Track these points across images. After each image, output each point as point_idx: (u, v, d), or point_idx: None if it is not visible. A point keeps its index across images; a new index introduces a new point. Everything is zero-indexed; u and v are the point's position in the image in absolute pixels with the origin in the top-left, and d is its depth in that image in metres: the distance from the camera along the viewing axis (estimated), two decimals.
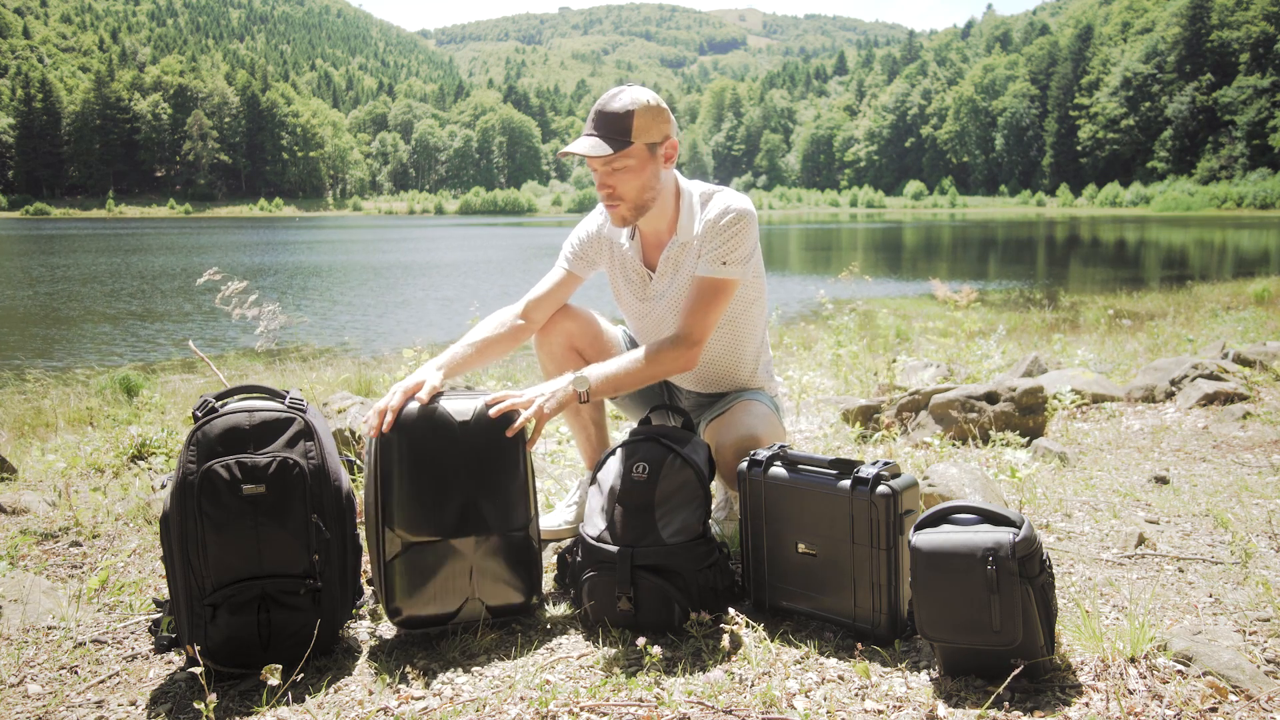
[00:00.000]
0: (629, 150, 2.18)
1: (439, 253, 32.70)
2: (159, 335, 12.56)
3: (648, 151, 2.22)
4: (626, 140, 2.17)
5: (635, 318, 2.51)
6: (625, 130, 2.17)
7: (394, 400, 2.02)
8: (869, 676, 1.78)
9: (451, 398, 2.06)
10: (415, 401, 2.03)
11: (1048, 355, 5.82)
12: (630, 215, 2.28)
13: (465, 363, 2.27)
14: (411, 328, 12.37)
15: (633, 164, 2.21)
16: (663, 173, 2.28)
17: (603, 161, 2.20)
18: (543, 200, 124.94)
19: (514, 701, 1.73)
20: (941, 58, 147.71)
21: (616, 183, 2.22)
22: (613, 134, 2.17)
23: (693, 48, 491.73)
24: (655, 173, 2.26)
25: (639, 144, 2.19)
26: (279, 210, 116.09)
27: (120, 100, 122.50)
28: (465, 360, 2.27)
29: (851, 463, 1.98)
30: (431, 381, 2.08)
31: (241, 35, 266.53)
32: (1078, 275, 20.61)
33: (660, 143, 2.23)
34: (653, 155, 2.23)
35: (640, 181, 2.23)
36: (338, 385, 5.79)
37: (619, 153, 2.17)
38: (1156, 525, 2.68)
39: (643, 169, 2.22)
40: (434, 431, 2.00)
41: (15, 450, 4.24)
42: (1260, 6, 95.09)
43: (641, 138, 2.19)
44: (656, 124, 2.21)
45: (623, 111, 2.17)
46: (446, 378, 2.19)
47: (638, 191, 2.24)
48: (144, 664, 2.00)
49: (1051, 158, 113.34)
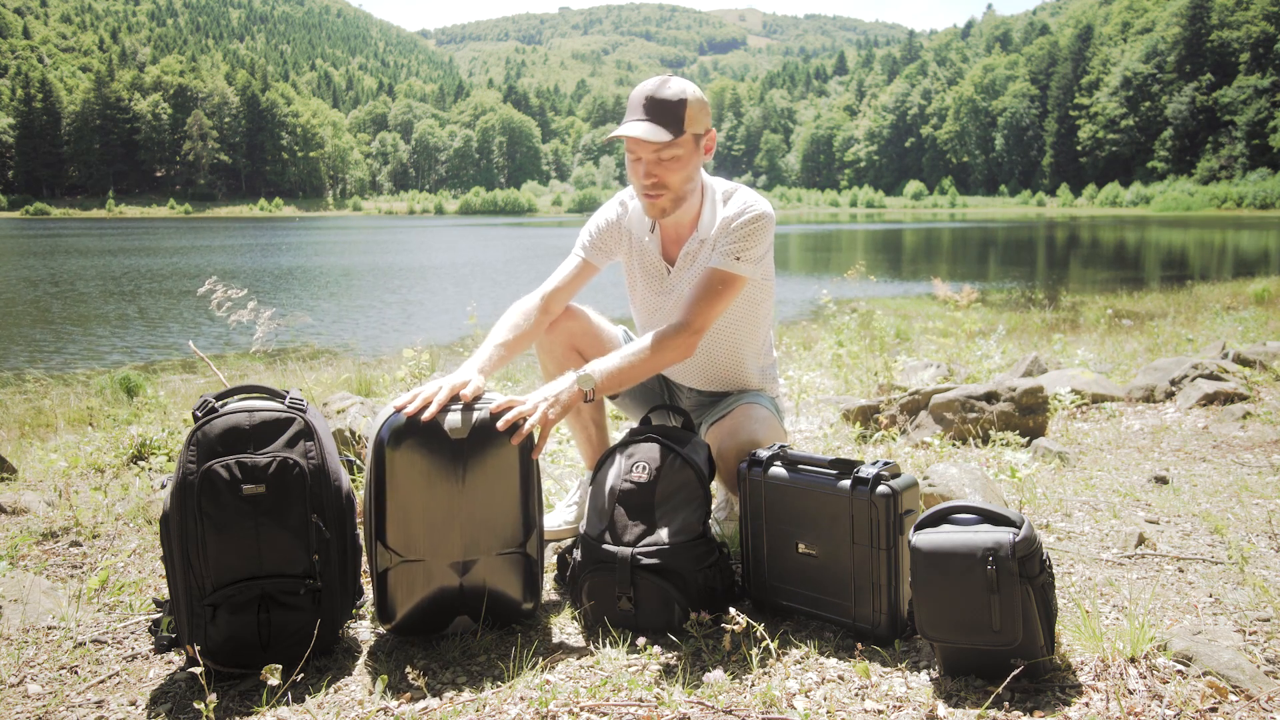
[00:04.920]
0: (681, 140, 2.17)
1: (439, 253, 32.70)
2: (159, 335, 12.56)
3: (694, 142, 2.21)
4: (680, 129, 2.15)
5: (647, 312, 2.50)
6: (679, 118, 2.15)
7: (441, 395, 1.95)
8: (869, 676, 1.78)
9: (450, 409, 1.97)
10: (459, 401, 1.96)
11: (1048, 355, 5.82)
12: (670, 207, 2.26)
13: (500, 363, 2.23)
14: (412, 328, 12.36)
15: (682, 153, 2.19)
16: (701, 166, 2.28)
17: (655, 148, 2.16)
18: (543, 200, 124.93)
19: (514, 701, 1.73)
20: (941, 58, 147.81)
21: (663, 172, 2.19)
22: (668, 121, 2.14)
23: (693, 48, 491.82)
24: (698, 165, 2.25)
25: (689, 134, 2.18)
26: (279, 210, 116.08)
27: (120, 100, 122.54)
28: (500, 360, 2.23)
29: (851, 463, 1.98)
30: (476, 383, 2.01)
31: (241, 35, 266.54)
32: (1078, 275, 20.61)
33: (704, 134, 2.23)
34: (698, 147, 2.23)
35: (686, 172, 2.22)
36: (338, 385, 5.78)
37: (675, 140, 2.15)
38: (1156, 525, 2.68)
39: (690, 159, 2.21)
40: (428, 446, 1.93)
41: (15, 450, 4.24)
42: (1260, 6, 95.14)
43: (692, 127, 2.17)
44: (702, 115, 2.20)
45: (676, 99, 2.15)
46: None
47: (682, 182, 2.23)
48: (144, 664, 2.00)
49: (1051, 158, 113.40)
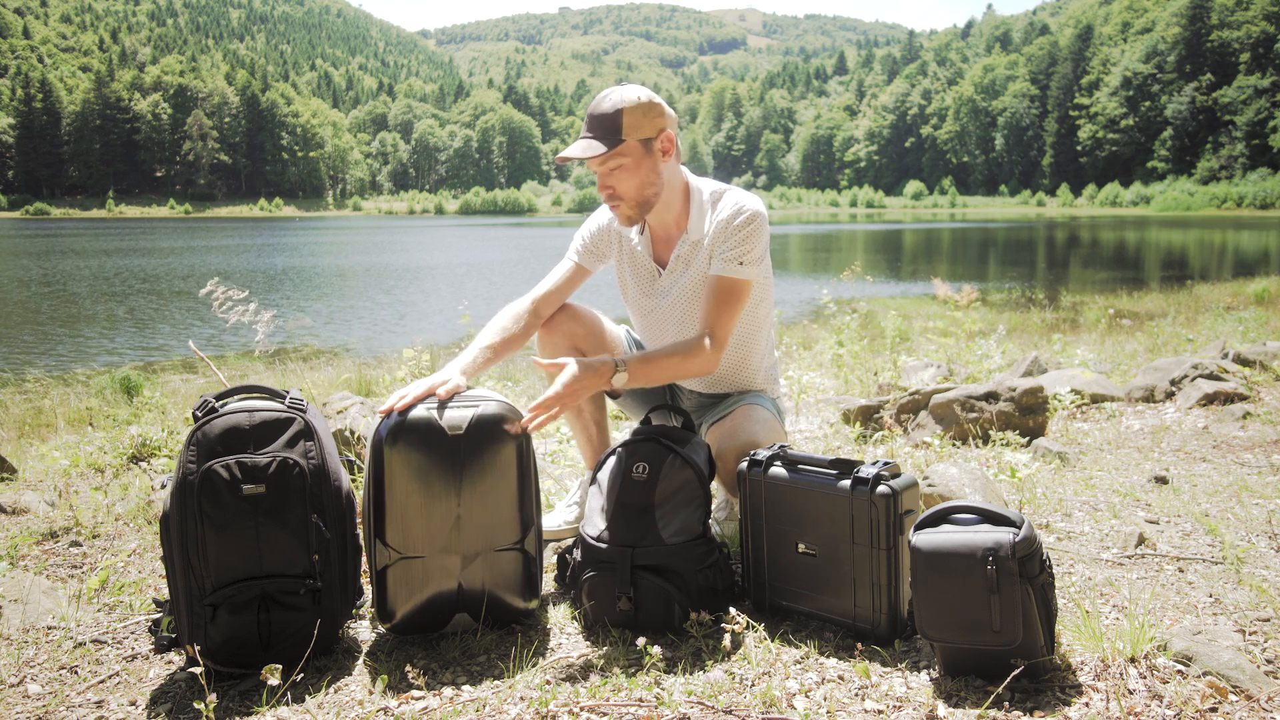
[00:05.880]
0: (622, 148, 2.19)
1: (439, 253, 32.69)
2: (159, 335, 12.56)
3: (642, 148, 2.22)
4: (618, 138, 2.18)
5: (641, 314, 2.52)
6: (616, 129, 2.18)
7: (417, 390, 1.99)
8: (869, 676, 1.78)
9: (449, 406, 1.99)
10: (434, 398, 1.98)
11: (1048, 355, 5.82)
12: (634, 213, 2.28)
13: (485, 364, 2.25)
14: (412, 328, 12.36)
15: (628, 161, 2.21)
16: (663, 167, 2.27)
17: (598, 161, 2.21)
18: (543, 200, 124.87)
19: (514, 701, 1.73)
20: (941, 58, 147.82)
21: (615, 182, 2.23)
22: (604, 134, 2.19)
23: (693, 48, 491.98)
24: (653, 168, 2.25)
25: (631, 140, 2.20)
26: (279, 210, 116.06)
27: (120, 100, 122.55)
28: (485, 362, 2.25)
29: (851, 463, 1.98)
30: (455, 381, 2.04)
31: (241, 35, 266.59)
32: (1078, 275, 20.60)
33: (654, 137, 2.23)
34: (648, 151, 2.23)
35: (638, 179, 2.23)
36: (338, 385, 5.78)
37: (612, 151, 2.18)
38: (1156, 525, 2.68)
39: (639, 166, 2.23)
40: (426, 444, 1.94)
41: (15, 450, 4.24)
42: (1260, 6, 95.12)
43: (633, 134, 2.19)
44: (648, 119, 2.21)
45: (612, 111, 2.18)
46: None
47: (637, 189, 2.24)
48: (144, 664, 2.00)
49: (1051, 158, 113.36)
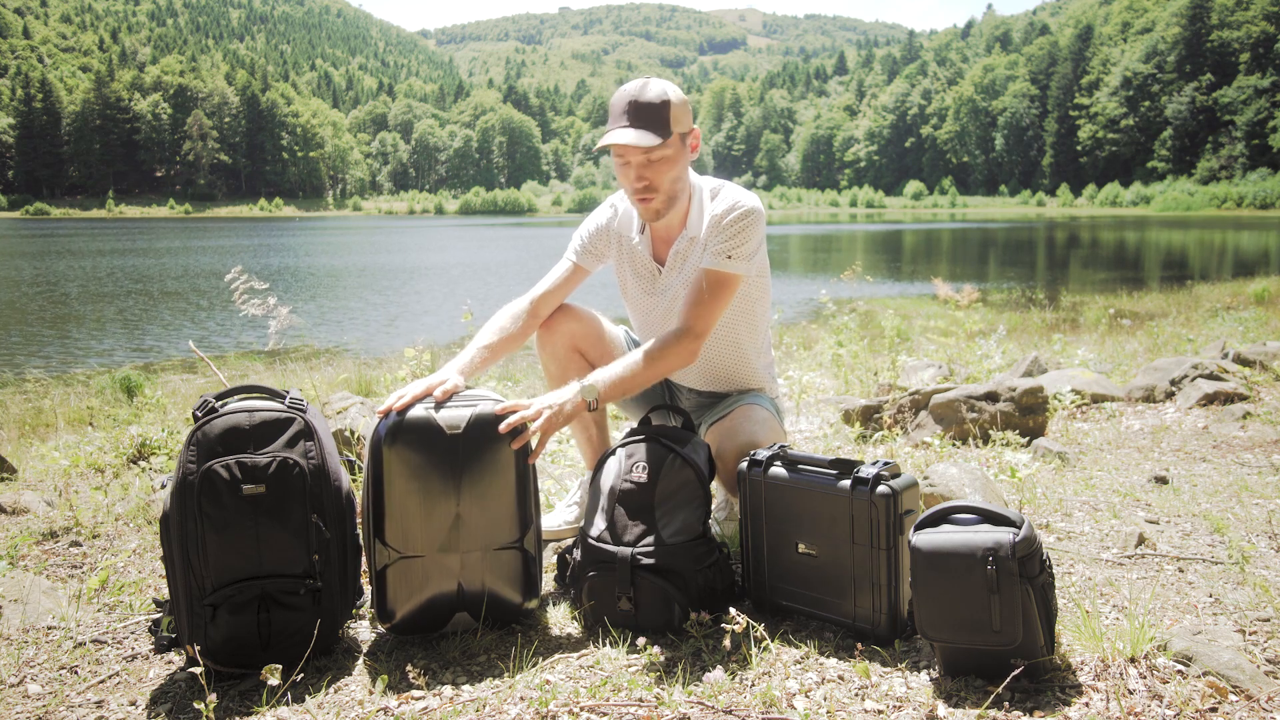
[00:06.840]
0: (669, 141, 2.17)
1: (439, 253, 32.69)
2: (159, 335, 12.56)
3: (681, 142, 2.21)
4: (666, 130, 2.15)
5: (641, 313, 2.51)
6: (664, 121, 2.15)
7: (415, 390, 2.00)
8: (869, 676, 1.78)
9: (447, 405, 2.00)
10: (431, 398, 1.99)
11: (1048, 355, 5.82)
12: (663, 208, 2.26)
13: (483, 364, 2.25)
14: (412, 328, 12.36)
15: (670, 154, 2.19)
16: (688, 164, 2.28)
17: (644, 151, 2.16)
18: (543, 200, 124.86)
19: (514, 701, 1.73)
20: (941, 58, 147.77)
21: (654, 175, 2.20)
22: (653, 124, 2.14)
23: (693, 48, 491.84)
24: (685, 163, 2.26)
25: (675, 134, 2.18)
26: (279, 210, 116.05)
27: (120, 100, 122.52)
28: (483, 362, 2.25)
29: (851, 463, 1.98)
30: (453, 381, 2.05)
31: (241, 35, 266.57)
32: (1078, 275, 20.60)
33: (688, 133, 2.23)
34: (684, 146, 2.23)
35: (674, 172, 2.22)
36: (338, 385, 5.78)
37: (664, 142, 2.15)
38: (1156, 525, 2.68)
39: (678, 160, 2.22)
40: (425, 443, 1.95)
41: (15, 450, 4.24)
42: (1260, 6, 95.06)
43: (677, 128, 2.18)
44: (685, 114, 2.20)
45: (659, 102, 2.14)
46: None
47: (672, 182, 2.23)
48: (144, 664, 2.00)
49: (1051, 158, 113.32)
